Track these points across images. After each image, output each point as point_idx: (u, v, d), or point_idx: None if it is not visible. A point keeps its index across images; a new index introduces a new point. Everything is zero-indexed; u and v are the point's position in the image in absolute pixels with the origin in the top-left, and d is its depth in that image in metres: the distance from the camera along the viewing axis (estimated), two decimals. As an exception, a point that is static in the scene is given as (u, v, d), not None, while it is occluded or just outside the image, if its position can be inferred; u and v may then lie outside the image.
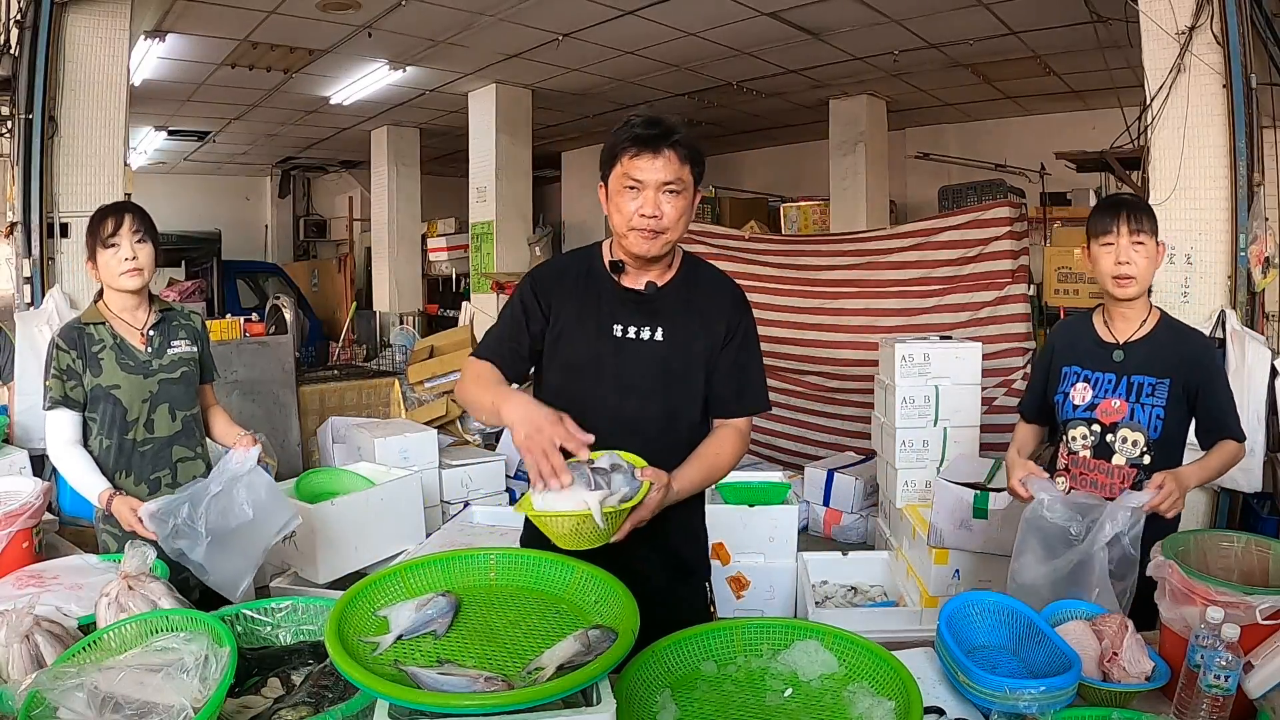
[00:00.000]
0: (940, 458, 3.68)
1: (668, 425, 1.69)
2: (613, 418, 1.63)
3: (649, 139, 1.57)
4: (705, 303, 1.72)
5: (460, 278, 9.59)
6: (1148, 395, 1.92)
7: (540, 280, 1.73)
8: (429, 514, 3.67)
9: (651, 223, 1.59)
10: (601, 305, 1.68)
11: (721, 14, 5.62)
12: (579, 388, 1.67)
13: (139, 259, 2.16)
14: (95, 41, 3.81)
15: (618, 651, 1.19)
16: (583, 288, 1.70)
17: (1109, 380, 1.96)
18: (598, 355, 1.67)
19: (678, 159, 1.58)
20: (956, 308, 4.94)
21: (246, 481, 1.98)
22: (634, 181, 1.59)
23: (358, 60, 6.69)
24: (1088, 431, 1.99)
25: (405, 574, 1.44)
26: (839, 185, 8.19)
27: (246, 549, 1.96)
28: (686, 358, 1.69)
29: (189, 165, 11.28)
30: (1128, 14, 3.65)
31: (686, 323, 1.69)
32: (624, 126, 1.60)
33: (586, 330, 1.68)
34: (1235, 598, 1.32)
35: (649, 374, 1.67)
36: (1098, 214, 1.96)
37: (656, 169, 1.57)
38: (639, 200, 1.59)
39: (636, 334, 1.67)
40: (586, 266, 1.73)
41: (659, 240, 1.61)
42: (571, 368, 1.69)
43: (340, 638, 1.22)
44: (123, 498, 2.09)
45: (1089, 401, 1.98)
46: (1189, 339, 1.97)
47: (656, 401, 1.68)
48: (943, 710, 1.38)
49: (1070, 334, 2.09)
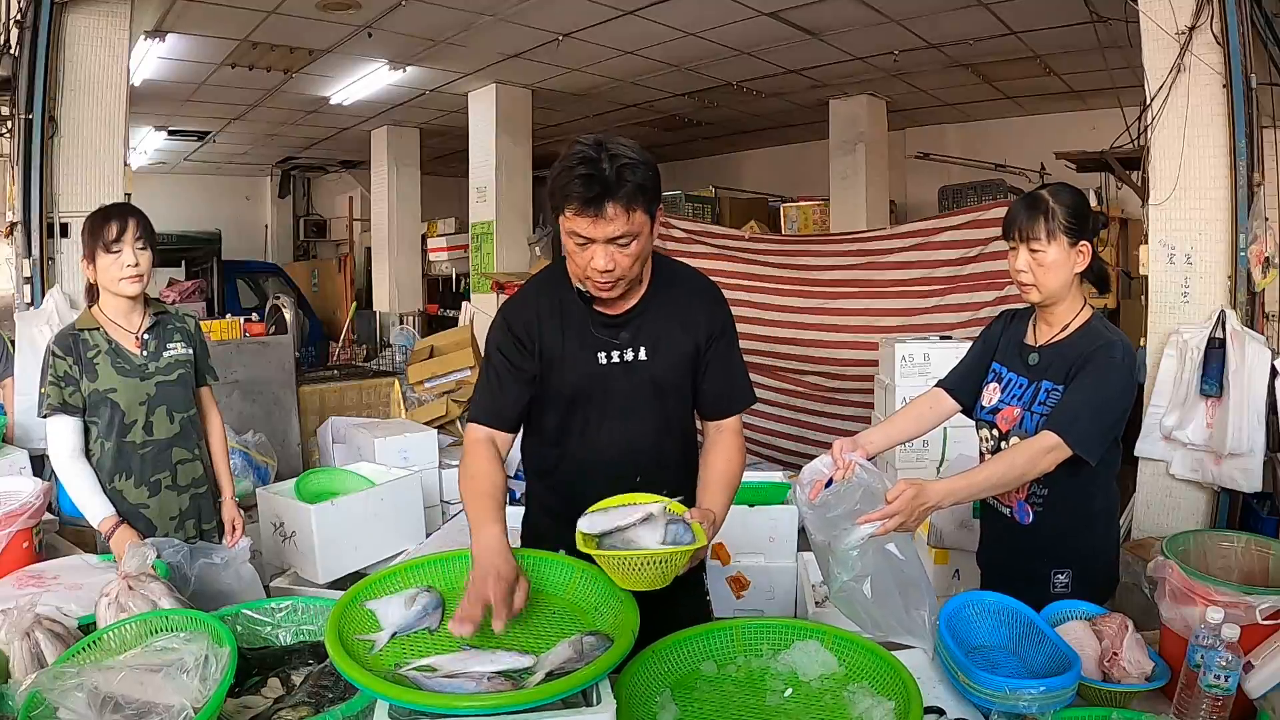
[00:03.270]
0: (940, 458, 3.68)
1: (664, 438, 1.71)
2: (611, 442, 1.66)
3: (589, 199, 1.43)
4: (685, 308, 1.69)
5: (460, 278, 9.59)
6: (1040, 404, 1.78)
7: (516, 322, 1.67)
8: (429, 514, 3.67)
9: (606, 277, 1.52)
10: (583, 335, 1.65)
11: (721, 14, 5.62)
12: (575, 419, 1.68)
13: (141, 265, 2.16)
14: (95, 41, 3.81)
15: (611, 658, 1.19)
16: (559, 320, 1.65)
17: (1020, 384, 1.85)
18: (588, 385, 1.65)
19: (623, 210, 1.45)
20: (956, 308, 4.94)
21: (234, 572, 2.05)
22: (581, 238, 1.49)
23: (358, 60, 6.69)
24: (989, 435, 1.89)
25: (405, 574, 1.45)
26: (839, 185, 8.18)
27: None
28: (674, 369, 1.68)
29: (189, 165, 11.27)
30: (1128, 14, 3.65)
31: (668, 334, 1.67)
32: (564, 172, 1.45)
33: (573, 362, 1.65)
34: (1235, 598, 1.32)
35: (640, 394, 1.66)
36: (1008, 218, 1.83)
37: (601, 228, 1.46)
38: (589, 254, 1.50)
39: (620, 357, 1.65)
40: (558, 299, 1.66)
41: (615, 289, 1.56)
42: (564, 400, 1.68)
43: (340, 638, 1.23)
44: (124, 531, 2.10)
45: (994, 405, 1.88)
46: (1094, 340, 1.76)
47: (651, 419, 1.68)
48: (943, 710, 1.38)
49: (1007, 329, 1.97)
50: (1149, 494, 3.44)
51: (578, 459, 1.70)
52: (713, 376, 1.72)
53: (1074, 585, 1.77)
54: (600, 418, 1.67)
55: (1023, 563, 1.84)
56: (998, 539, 1.95)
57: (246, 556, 2.16)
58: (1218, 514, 3.27)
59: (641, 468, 1.66)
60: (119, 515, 2.15)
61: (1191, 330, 3.23)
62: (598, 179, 1.43)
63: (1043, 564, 1.80)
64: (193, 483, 2.32)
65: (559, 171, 1.47)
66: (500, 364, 1.67)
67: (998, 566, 1.95)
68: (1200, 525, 3.26)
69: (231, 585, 2.01)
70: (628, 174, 1.44)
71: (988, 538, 2.01)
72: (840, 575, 1.54)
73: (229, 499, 2.40)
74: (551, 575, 1.48)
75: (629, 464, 1.66)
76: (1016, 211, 1.81)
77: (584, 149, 1.46)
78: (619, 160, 1.44)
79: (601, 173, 1.43)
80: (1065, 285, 1.79)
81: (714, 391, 1.73)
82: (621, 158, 1.44)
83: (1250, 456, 3.02)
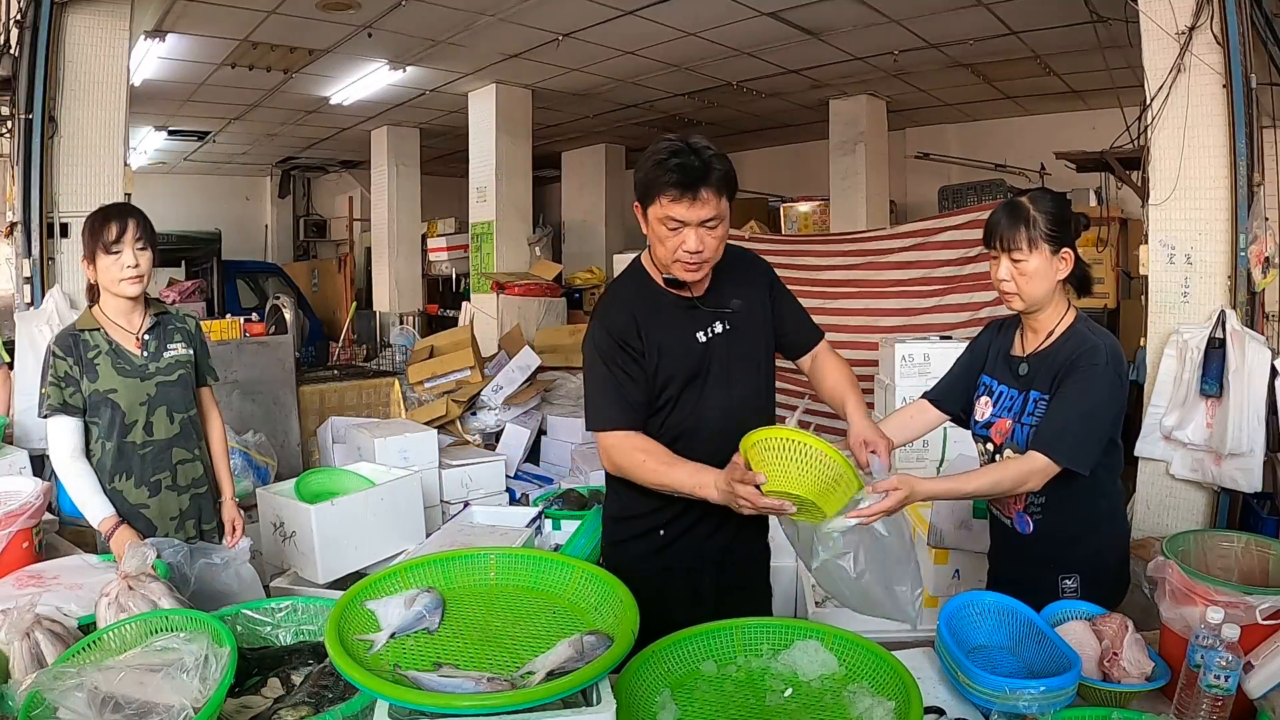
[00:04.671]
0: (940, 458, 3.68)
1: (764, 397, 1.87)
2: (725, 415, 1.78)
3: (687, 184, 1.59)
4: (744, 276, 1.87)
5: (460, 278, 9.59)
6: (1029, 415, 1.76)
7: (616, 328, 1.77)
8: (429, 514, 3.67)
9: (696, 258, 1.67)
10: (680, 320, 1.78)
11: (721, 14, 5.62)
12: (687, 396, 1.78)
13: (141, 266, 2.16)
14: (95, 41, 3.81)
15: (611, 657, 1.19)
16: (654, 314, 1.78)
17: (1010, 395, 1.83)
18: (697, 366, 1.78)
19: (714, 195, 1.62)
20: (956, 308, 4.94)
21: (234, 573, 2.06)
22: (675, 223, 1.64)
23: (358, 60, 6.69)
24: (984, 449, 1.89)
25: (405, 574, 1.44)
26: (839, 185, 8.18)
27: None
28: (757, 332, 1.85)
29: (189, 165, 11.27)
30: (1128, 14, 3.65)
31: (745, 302, 1.83)
32: (659, 164, 1.61)
33: (680, 349, 1.77)
34: (1235, 598, 1.32)
35: (739, 362, 1.81)
36: (987, 225, 1.80)
37: (696, 211, 1.62)
38: (680, 237, 1.65)
39: (712, 332, 1.79)
40: (643, 294, 1.80)
41: (702, 270, 1.72)
42: (678, 384, 1.77)
43: (340, 638, 1.22)
44: (124, 531, 2.10)
45: (987, 419, 1.87)
46: (1078, 345, 1.73)
47: (751, 382, 1.83)
48: (943, 710, 1.38)
49: (995, 340, 1.95)
50: (1149, 494, 3.44)
51: (687, 437, 1.78)
52: (786, 321, 1.93)
53: (1082, 589, 1.76)
54: (705, 393, 1.79)
55: (1029, 571, 1.83)
56: (1003, 548, 1.95)
57: (246, 557, 2.16)
58: (1218, 514, 3.27)
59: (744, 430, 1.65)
60: (119, 515, 2.15)
61: (1191, 330, 3.23)
62: (692, 168, 1.60)
63: (1049, 571, 1.79)
64: (193, 483, 2.32)
65: (652, 165, 1.63)
66: (608, 371, 1.76)
67: (1005, 575, 1.94)
68: (1200, 525, 3.26)
69: (231, 586, 2.01)
70: (716, 163, 1.63)
71: (995, 547, 2.00)
72: (821, 552, 1.56)
73: (229, 499, 2.40)
74: (551, 576, 1.48)
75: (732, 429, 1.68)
76: (997, 220, 1.78)
77: (672, 144, 1.64)
78: (707, 152, 1.63)
79: (693, 162, 1.60)
80: (1049, 293, 1.78)
81: (793, 331, 1.94)
82: (708, 149, 1.63)
83: (1250, 456, 3.02)
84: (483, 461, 4.57)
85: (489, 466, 4.56)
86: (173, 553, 1.91)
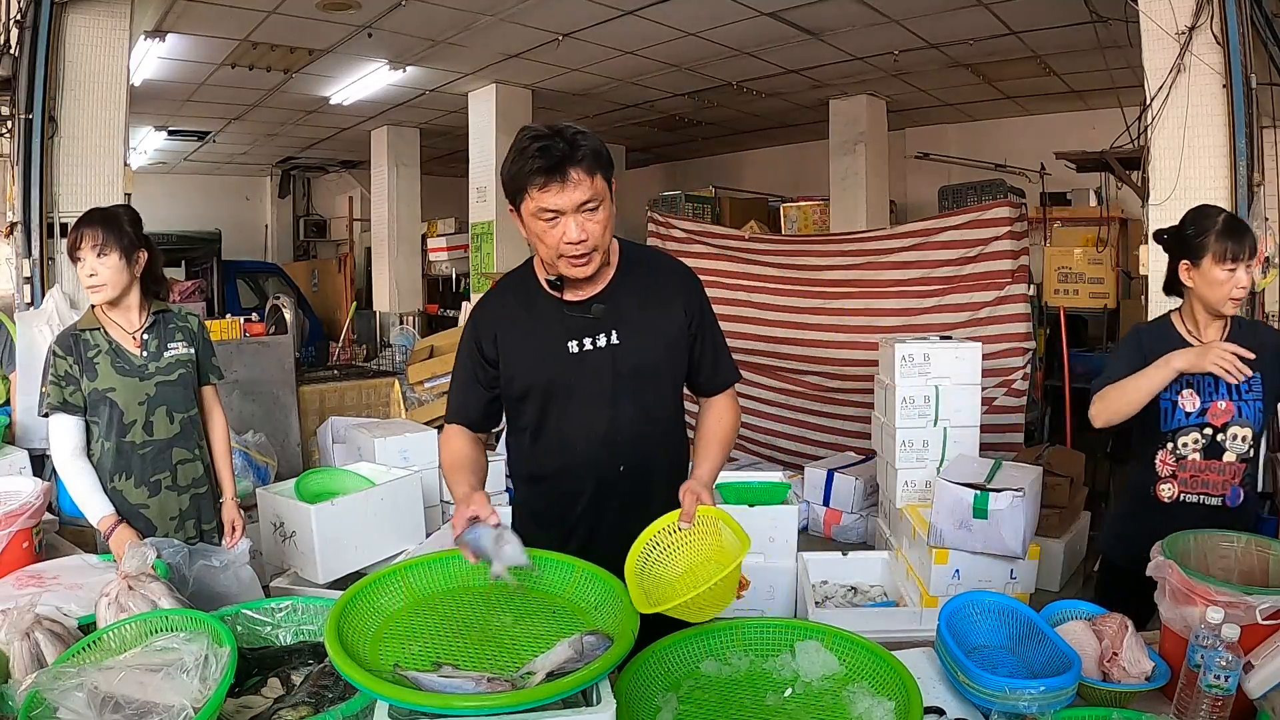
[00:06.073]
0: (940, 458, 3.68)
1: (643, 424, 1.68)
2: (590, 434, 1.65)
3: (552, 167, 1.47)
4: (655, 290, 1.69)
5: (460, 278, 9.59)
6: (1246, 391, 1.99)
7: (481, 323, 1.70)
8: (429, 514, 3.67)
9: (580, 247, 1.53)
10: (552, 326, 1.64)
11: (721, 14, 5.62)
12: (551, 412, 1.67)
13: (99, 275, 2.15)
14: (95, 41, 3.81)
15: (611, 658, 1.19)
16: (526, 315, 1.67)
17: (1209, 382, 2.01)
18: (560, 377, 1.64)
19: (585, 174, 1.49)
20: (956, 308, 4.94)
21: (233, 574, 2.05)
22: (550, 213, 1.51)
23: (358, 60, 6.69)
24: (1199, 436, 2.03)
25: (404, 573, 1.44)
26: (839, 185, 8.18)
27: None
28: (648, 353, 1.67)
29: (189, 165, 11.27)
30: (1128, 14, 3.65)
31: (640, 317, 1.66)
32: (520, 155, 1.50)
33: (543, 356, 1.65)
34: (1235, 598, 1.32)
35: (615, 380, 1.64)
36: (1221, 238, 1.98)
37: (568, 195, 1.49)
38: (559, 228, 1.52)
39: (593, 344, 1.64)
40: (525, 292, 1.69)
41: (591, 262, 1.57)
42: (539, 394, 1.67)
43: (340, 638, 1.22)
44: (123, 530, 2.11)
45: (1199, 407, 2.02)
46: (1259, 330, 2.09)
47: (627, 405, 1.66)
48: (943, 710, 1.38)
49: (1161, 341, 2.08)
50: (1149, 494, 3.43)
51: (558, 454, 1.69)
52: (704, 358, 1.76)
53: None
54: (577, 408, 1.65)
55: None
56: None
57: (246, 559, 2.15)
58: (1218, 514, 3.27)
59: (624, 457, 1.66)
60: (119, 515, 2.15)
61: (1191, 330, 3.22)
62: (555, 149, 1.47)
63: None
64: (193, 483, 2.32)
65: (514, 158, 1.51)
66: (463, 367, 1.73)
67: None
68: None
69: (230, 588, 2.01)
70: (581, 140, 1.49)
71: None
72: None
73: (230, 499, 2.39)
74: (551, 575, 1.48)
75: (609, 455, 1.65)
76: (1240, 235, 1.98)
77: (532, 131, 1.51)
78: (569, 130, 1.50)
79: (557, 144, 1.48)
80: None
81: (701, 372, 1.77)
82: (570, 129, 1.50)
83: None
84: (483, 461, 4.56)
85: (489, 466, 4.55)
86: (172, 553, 1.91)
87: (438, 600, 1.43)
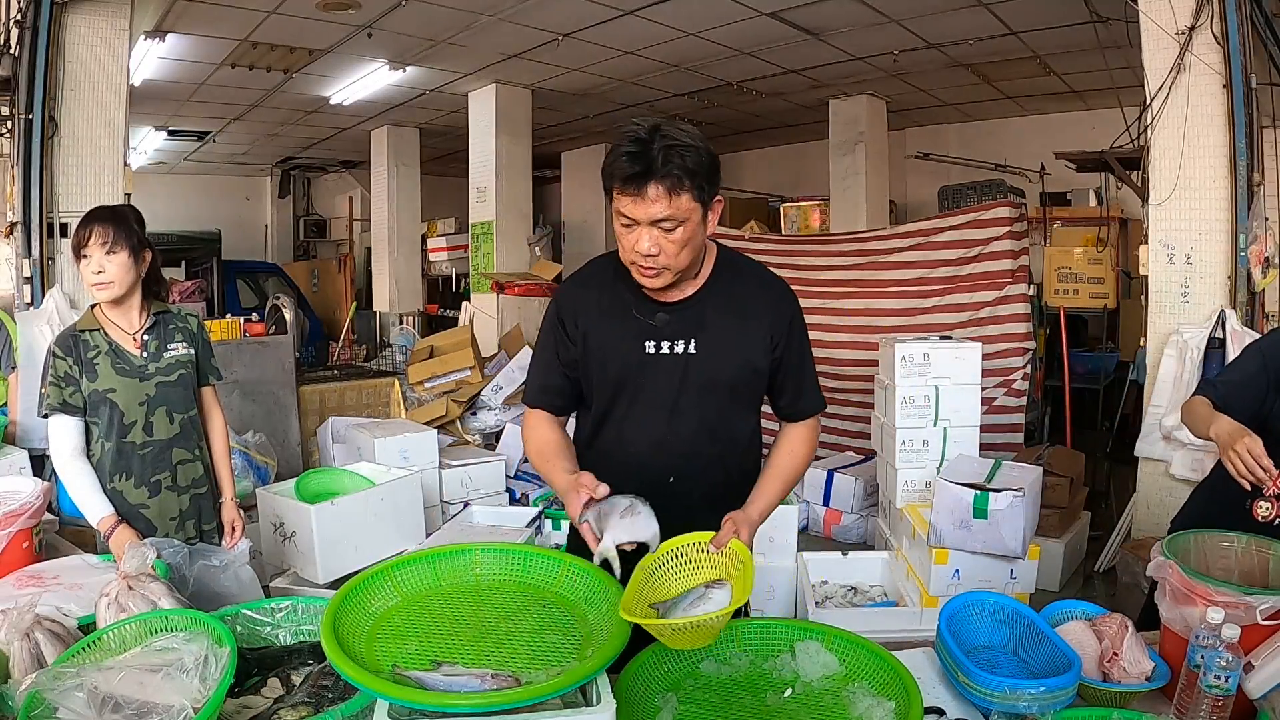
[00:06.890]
0: (940, 458, 3.68)
1: (702, 441, 1.63)
2: (649, 437, 1.62)
3: (633, 176, 1.42)
4: (741, 305, 1.62)
5: (460, 278, 9.59)
6: None
7: (565, 304, 1.67)
8: (429, 514, 3.67)
9: (650, 261, 1.48)
10: (631, 320, 1.60)
11: (721, 14, 5.62)
12: (617, 408, 1.64)
13: (106, 272, 2.14)
14: (95, 41, 3.81)
15: (606, 653, 1.19)
16: (609, 302, 1.62)
17: None
18: (630, 374, 1.61)
19: (665, 193, 1.42)
20: (956, 308, 4.94)
21: (233, 575, 2.05)
22: (626, 219, 1.47)
23: (358, 60, 6.69)
24: None
25: (394, 571, 1.44)
26: (839, 185, 8.19)
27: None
28: (725, 367, 1.60)
29: (189, 165, 11.28)
30: (1128, 14, 3.65)
31: (723, 330, 1.60)
32: (614, 151, 1.45)
33: (619, 348, 1.61)
34: (1235, 598, 1.32)
35: (681, 390, 1.59)
36: None
37: (644, 209, 1.44)
38: (634, 236, 1.48)
39: (670, 349, 1.59)
40: (612, 278, 1.63)
41: (661, 277, 1.51)
42: (608, 387, 1.63)
43: (337, 637, 1.22)
44: (123, 530, 2.10)
45: None
46: None
47: (692, 417, 1.61)
48: (943, 710, 1.38)
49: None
50: (1149, 494, 3.44)
51: (614, 450, 1.65)
52: (787, 382, 1.69)
53: None
54: (639, 410, 1.62)
55: None
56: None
57: (246, 559, 2.15)
58: (1218, 514, 3.27)
59: (675, 468, 1.62)
60: (119, 515, 2.15)
61: (1191, 330, 3.23)
62: (642, 158, 1.41)
63: None
64: (193, 483, 2.32)
65: (611, 151, 1.46)
66: (545, 347, 1.70)
67: None
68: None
69: (230, 588, 2.01)
70: (674, 156, 1.41)
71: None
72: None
73: (229, 500, 2.39)
74: (538, 569, 1.47)
75: (661, 464, 1.61)
76: None
77: (636, 129, 1.44)
78: (668, 141, 1.42)
79: (648, 153, 1.41)
80: None
81: (781, 395, 1.71)
82: (671, 139, 1.42)
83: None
84: (483, 461, 4.57)
85: (489, 466, 4.56)
86: (172, 553, 1.91)
87: (429, 598, 1.42)
